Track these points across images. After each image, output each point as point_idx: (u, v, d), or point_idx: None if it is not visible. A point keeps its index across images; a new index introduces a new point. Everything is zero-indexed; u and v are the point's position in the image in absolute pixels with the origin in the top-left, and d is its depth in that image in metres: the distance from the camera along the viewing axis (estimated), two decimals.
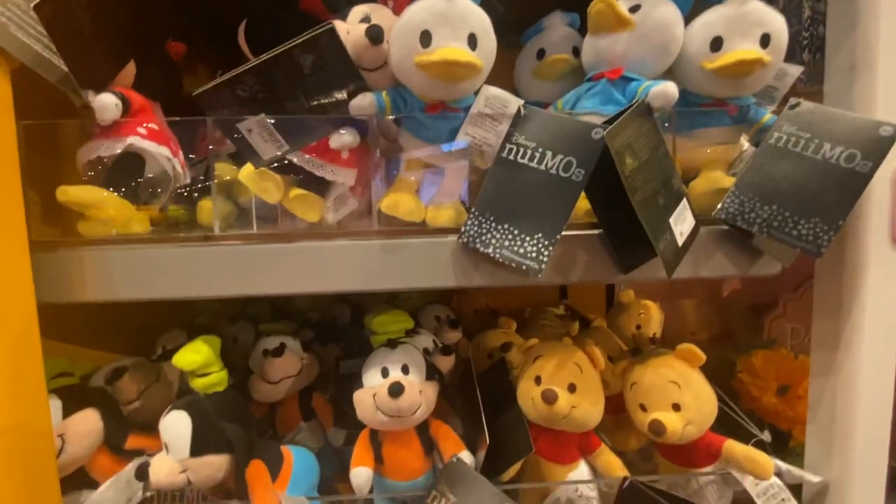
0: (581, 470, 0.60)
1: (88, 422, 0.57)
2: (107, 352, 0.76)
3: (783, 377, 0.77)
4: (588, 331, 0.84)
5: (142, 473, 0.51)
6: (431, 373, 0.60)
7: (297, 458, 0.60)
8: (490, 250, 0.49)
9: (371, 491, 0.58)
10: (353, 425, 0.62)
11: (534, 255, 0.47)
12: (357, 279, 0.52)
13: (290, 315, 0.93)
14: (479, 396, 0.63)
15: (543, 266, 0.46)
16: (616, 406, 0.68)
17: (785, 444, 0.72)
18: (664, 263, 0.48)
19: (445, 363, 0.71)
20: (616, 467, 0.59)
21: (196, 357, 0.53)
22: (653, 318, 0.92)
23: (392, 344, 0.61)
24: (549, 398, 0.54)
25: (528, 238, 0.48)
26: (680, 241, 0.50)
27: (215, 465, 0.51)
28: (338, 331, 0.91)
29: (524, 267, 0.47)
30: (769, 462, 0.54)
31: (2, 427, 0.44)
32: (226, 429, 0.52)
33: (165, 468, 0.51)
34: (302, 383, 0.73)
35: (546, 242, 0.47)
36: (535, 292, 1.14)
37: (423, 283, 0.52)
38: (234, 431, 0.52)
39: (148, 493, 0.58)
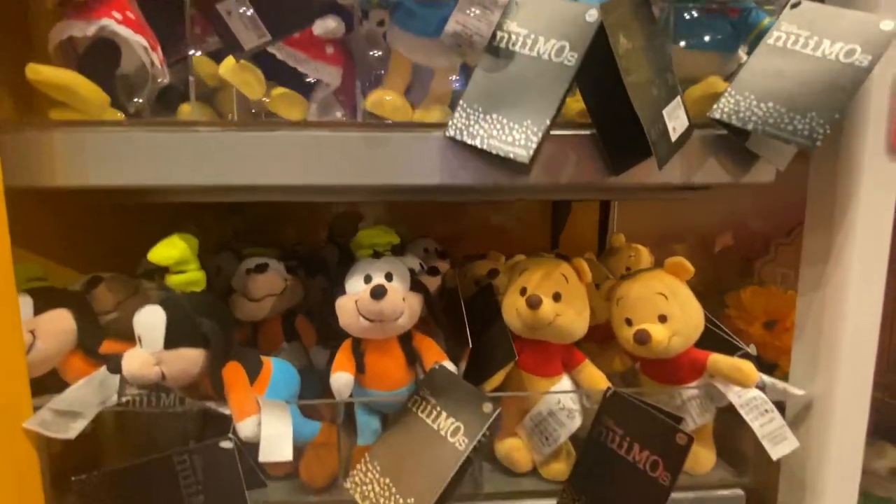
0: (564, 383, 0.59)
1: (61, 321, 0.55)
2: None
3: (771, 312, 0.77)
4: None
5: (114, 366, 0.50)
6: (416, 285, 0.59)
7: (277, 367, 0.59)
8: (477, 142, 0.47)
9: (351, 397, 0.57)
10: (338, 344, 0.61)
11: (522, 142, 0.46)
12: (339, 172, 0.50)
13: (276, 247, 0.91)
14: (465, 319, 0.62)
15: (531, 152, 0.45)
16: (600, 335, 0.67)
17: (770, 375, 0.71)
18: (656, 156, 0.47)
19: (432, 283, 0.70)
20: (599, 380, 0.58)
21: (172, 252, 0.51)
22: (643, 260, 0.91)
23: (377, 255, 0.60)
24: (534, 303, 0.53)
25: (516, 126, 0.46)
26: (673, 137, 0.48)
27: (190, 358, 0.50)
28: (325, 266, 0.89)
29: (511, 155, 0.46)
30: (754, 370, 0.53)
31: None
32: (201, 324, 0.51)
33: (139, 361, 0.49)
34: (285, 304, 0.71)
35: (535, 129, 0.45)
36: (525, 240, 1.13)
37: (407, 180, 0.51)
38: (211, 327, 0.51)
39: (123, 399, 0.56)
